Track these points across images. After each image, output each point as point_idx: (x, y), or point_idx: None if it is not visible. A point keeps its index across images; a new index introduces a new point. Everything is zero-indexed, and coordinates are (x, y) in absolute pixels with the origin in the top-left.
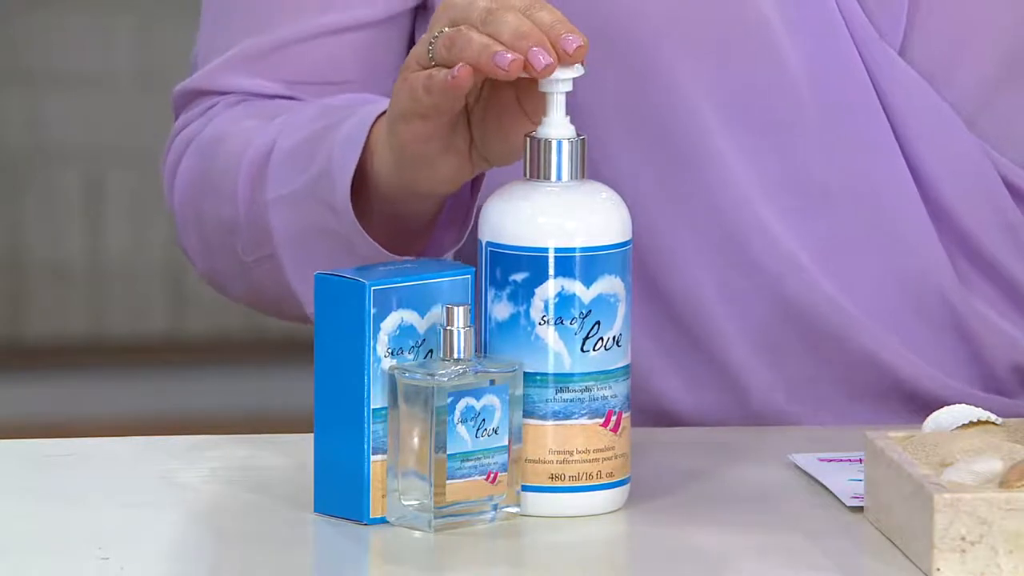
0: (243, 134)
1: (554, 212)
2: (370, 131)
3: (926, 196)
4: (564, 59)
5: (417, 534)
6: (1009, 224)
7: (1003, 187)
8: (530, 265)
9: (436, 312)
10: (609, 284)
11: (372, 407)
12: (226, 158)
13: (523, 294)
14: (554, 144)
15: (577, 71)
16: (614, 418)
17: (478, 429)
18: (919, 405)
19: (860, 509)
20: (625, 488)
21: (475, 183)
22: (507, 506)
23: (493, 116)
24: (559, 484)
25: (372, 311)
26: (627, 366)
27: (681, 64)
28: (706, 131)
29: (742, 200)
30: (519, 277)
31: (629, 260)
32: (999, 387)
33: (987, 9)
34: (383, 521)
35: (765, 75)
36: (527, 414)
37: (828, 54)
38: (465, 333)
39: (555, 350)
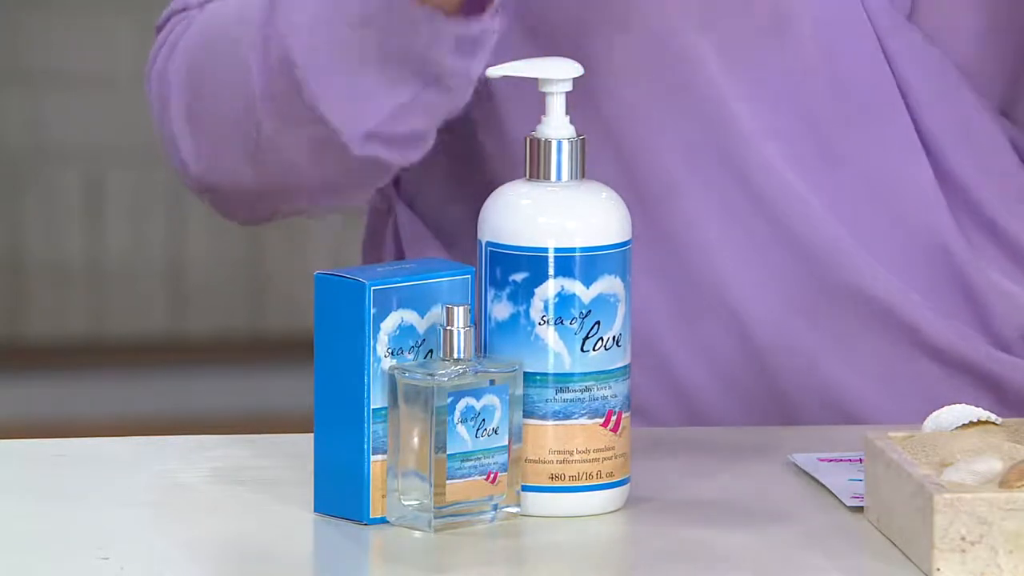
0: (233, 8)
1: (554, 212)
2: None
3: (933, 160)
4: None
5: (417, 534)
6: (1017, 189)
7: (1011, 151)
8: (530, 265)
9: (436, 312)
10: (609, 284)
11: (372, 407)
12: (223, 28)
13: (523, 294)
14: (554, 144)
15: (577, 70)
16: (614, 418)
17: (478, 429)
18: (932, 355)
19: (860, 509)
20: (625, 488)
21: None
22: (507, 506)
23: None
24: (559, 484)
25: (372, 311)
26: (627, 366)
27: (695, 32)
28: (720, 92)
29: (757, 156)
30: (519, 277)
31: (629, 260)
32: (1007, 350)
33: None
34: (383, 521)
35: (776, 38)
36: (527, 414)
37: (839, 19)
38: (465, 333)
39: (555, 350)
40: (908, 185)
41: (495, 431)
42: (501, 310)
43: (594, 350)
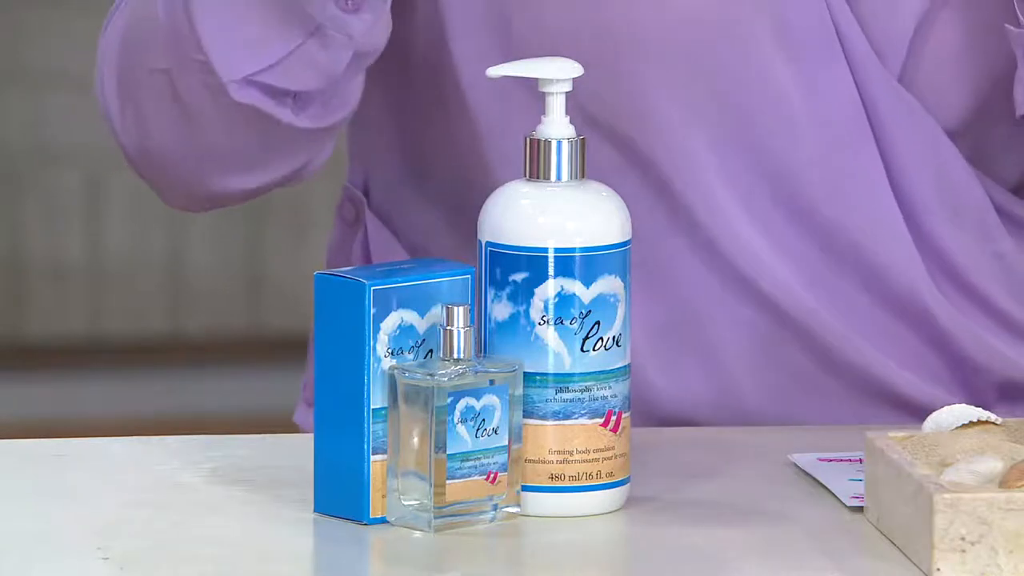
0: None
1: (554, 212)
2: None
3: (911, 224)
4: None
5: (417, 534)
6: (997, 252)
7: (995, 215)
8: (530, 265)
9: (436, 312)
10: (609, 284)
11: (372, 407)
12: None
13: (523, 294)
14: (554, 144)
15: (577, 70)
16: (614, 418)
17: (478, 429)
18: (910, 413)
19: (860, 509)
20: (625, 488)
21: None
22: (507, 506)
23: None
24: (559, 484)
25: (372, 311)
26: (627, 366)
27: (667, 84)
28: (694, 154)
29: (725, 218)
30: (519, 277)
31: (628, 260)
32: (983, 402)
33: (986, 34)
34: (383, 521)
35: (756, 96)
36: (527, 414)
37: (822, 77)
38: (465, 333)
39: (555, 350)
40: (886, 248)
41: (495, 431)
42: (501, 310)
43: (594, 350)
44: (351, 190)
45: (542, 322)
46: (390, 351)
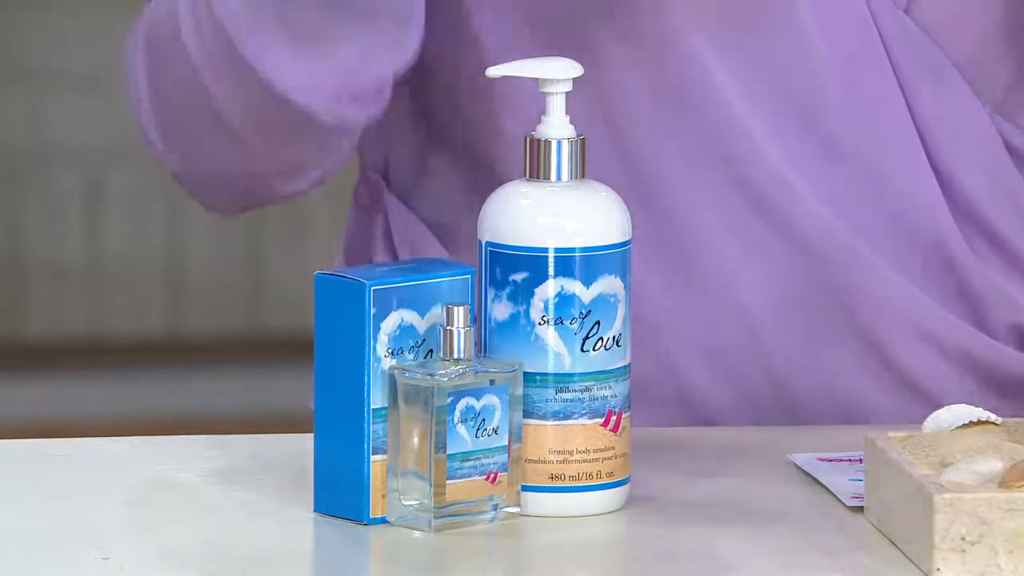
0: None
1: (554, 212)
2: None
3: (932, 158)
4: None
5: (417, 534)
6: (1009, 188)
7: (1004, 151)
8: (530, 265)
9: (436, 312)
10: (609, 284)
11: (372, 407)
12: (160, 20)
13: (523, 294)
14: (554, 144)
15: (577, 70)
16: (614, 418)
17: (478, 429)
18: (935, 349)
19: (860, 509)
20: (625, 488)
21: None
22: (507, 506)
23: None
24: (559, 484)
25: (372, 311)
26: (627, 366)
27: (693, 27)
28: (718, 86)
29: (757, 151)
30: (519, 277)
31: (629, 260)
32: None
33: None
34: (383, 521)
35: (779, 32)
36: (527, 414)
37: (841, 11)
38: (465, 333)
39: (555, 350)
40: (909, 182)
41: (495, 431)
42: (501, 310)
43: (594, 350)
44: (367, 174)
45: (542, 322)
46: (390, 351)
